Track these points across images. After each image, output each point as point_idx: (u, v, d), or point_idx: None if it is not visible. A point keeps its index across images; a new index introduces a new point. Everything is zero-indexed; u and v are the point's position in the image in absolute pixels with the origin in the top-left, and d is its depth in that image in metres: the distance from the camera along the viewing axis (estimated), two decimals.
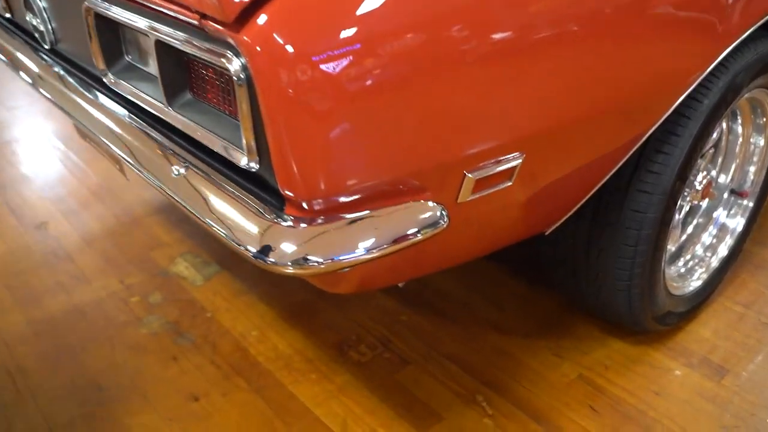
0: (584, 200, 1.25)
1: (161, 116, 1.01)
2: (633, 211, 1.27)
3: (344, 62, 0.74)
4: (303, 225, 0.83)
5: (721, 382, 1.49)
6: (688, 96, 1.22)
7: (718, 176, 1.64)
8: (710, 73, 1.21)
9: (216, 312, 1.73)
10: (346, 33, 0.75)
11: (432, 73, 0.81)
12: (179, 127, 0.98)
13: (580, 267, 1.42)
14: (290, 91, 0.74)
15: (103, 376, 1.55)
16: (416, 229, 0.87)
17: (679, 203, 1.40)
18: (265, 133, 0.79)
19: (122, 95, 1.12)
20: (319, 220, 0.83)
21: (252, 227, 0.83)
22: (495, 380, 1.49)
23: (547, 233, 1.33)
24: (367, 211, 0.85)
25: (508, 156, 0.95)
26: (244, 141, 0.83)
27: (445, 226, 0.90)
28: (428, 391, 1.47)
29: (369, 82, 0.77)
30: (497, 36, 0.85)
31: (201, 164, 0.96)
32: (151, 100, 1.02)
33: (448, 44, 0.81)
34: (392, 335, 1.63)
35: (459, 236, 1.03)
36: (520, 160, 0.97)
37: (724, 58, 1.22)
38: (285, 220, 0.83)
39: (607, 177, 1.21)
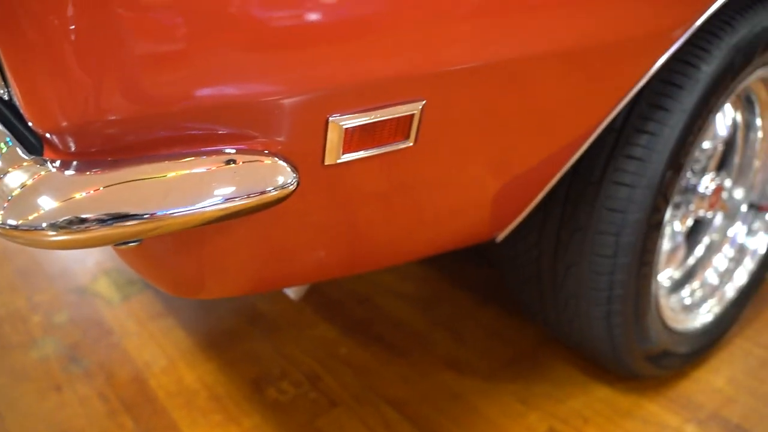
0: (541, 194, 0.95)
1: None
2: (609, 210, 0.97)
3: None
4: (62, 170, 0.55)
5: None
6: (678, 59, 0.93)
7: (734, 185, 1.32)
8: (707, 31, 0.93)
9: (124, 336, 1.45)
10: None
11: None
12: None
13: (547, 288, 1.11)
14: None
15: None
16: (239, 189, 0.59)
17: (671, 205, 1.09)
18: None
19: None
20: (82, 165, 0.56)
21: None
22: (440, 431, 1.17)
23: (498, 240, 1.04)
24: (157, 157, 0.57)
25: (399, 99, 0.67)
26: None
27: (292, 189, 0.62)
28: None
29: None
30: None
31: None
32: None
33: None
34: (324, 371, 1.33)
35: (328, 222, 0.74)
36: (419, 108, 0.69)
37: (725, 12, 0.94)
38: (36, 163, 0.56)
39: (571, 162, 0.92)
